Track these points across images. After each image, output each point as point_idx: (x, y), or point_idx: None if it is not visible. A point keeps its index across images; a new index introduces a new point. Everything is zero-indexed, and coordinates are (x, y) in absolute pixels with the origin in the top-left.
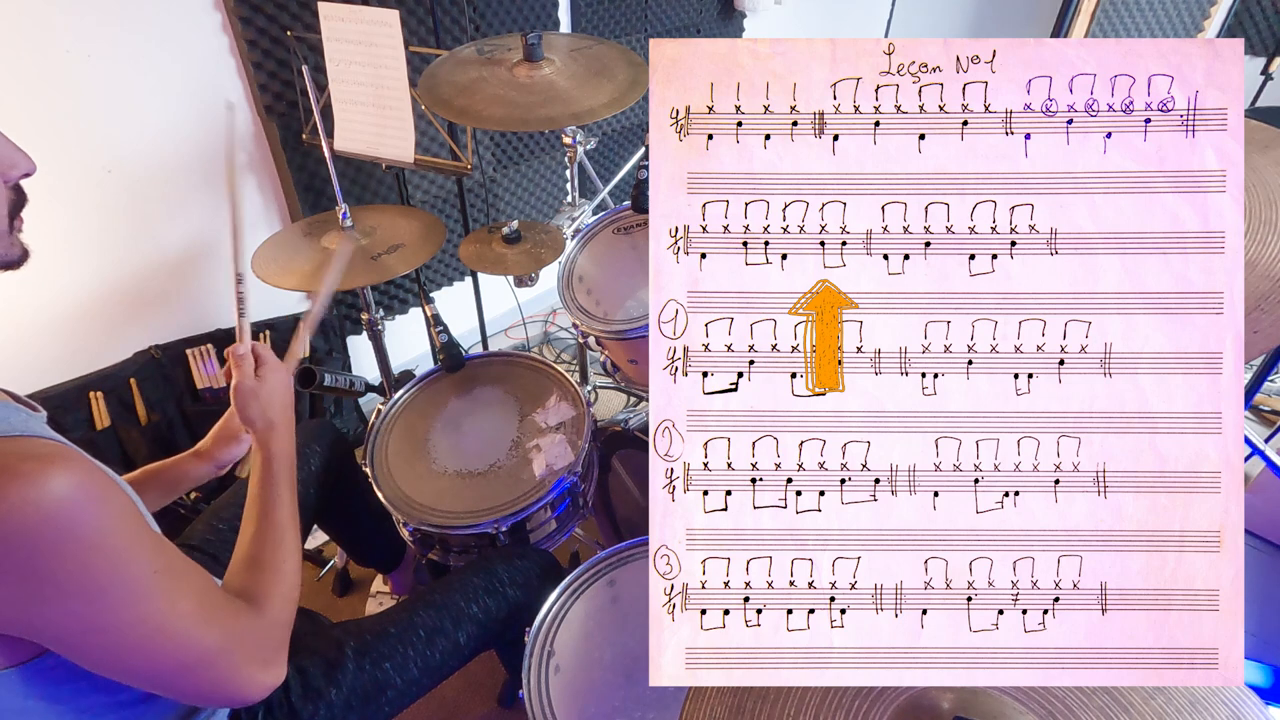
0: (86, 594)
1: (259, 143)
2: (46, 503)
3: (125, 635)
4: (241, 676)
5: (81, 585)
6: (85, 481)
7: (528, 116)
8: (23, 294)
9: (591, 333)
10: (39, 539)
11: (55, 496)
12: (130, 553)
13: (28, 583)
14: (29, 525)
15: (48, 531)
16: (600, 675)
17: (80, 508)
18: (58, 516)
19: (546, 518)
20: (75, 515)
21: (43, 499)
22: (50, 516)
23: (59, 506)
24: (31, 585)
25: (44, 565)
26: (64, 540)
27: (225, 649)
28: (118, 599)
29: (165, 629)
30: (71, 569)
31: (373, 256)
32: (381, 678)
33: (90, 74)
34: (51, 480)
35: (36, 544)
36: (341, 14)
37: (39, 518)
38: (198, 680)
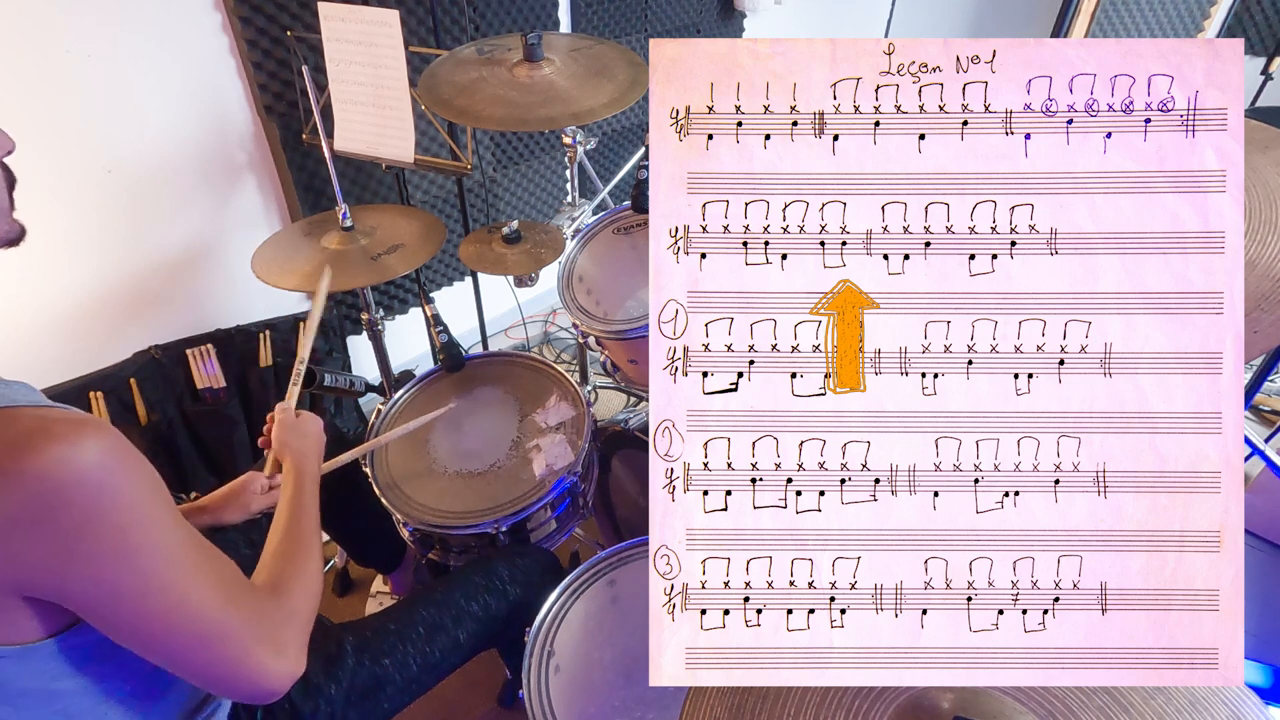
0: (116, 555)
1: (259, 143)
2: (82, 462)
3: (149, 602)
4: (255, 659)
5: (112, 546)
6: (118, 447)
7: (528, 116)
8: (23, 294)
9: (591, 333)
10: (74, 497)
11: (91, 457)
12: (157, 522)
13: (61, 542)
14: (65, 483)
15: (83, 490)
16: (600, 675)
17: (113, 471)
18: (93, 477)
19: (546, 518)
20: (109, 477)
21: (80, 458)
22: (86, 476)
23: (93, 469)
24: (64, 545)
25: (77, 524)
26: (98, 500)
27: (243, 629)
28: (146, 563)
29: (187, 600)
30: (103, 529)
31: (373, 256)
32: (381, 674)
33: (90, 74)
34: (87, 441)
35: (71, 502)
36: (341, 14)
37: (75, 477)
38: (212, 658)
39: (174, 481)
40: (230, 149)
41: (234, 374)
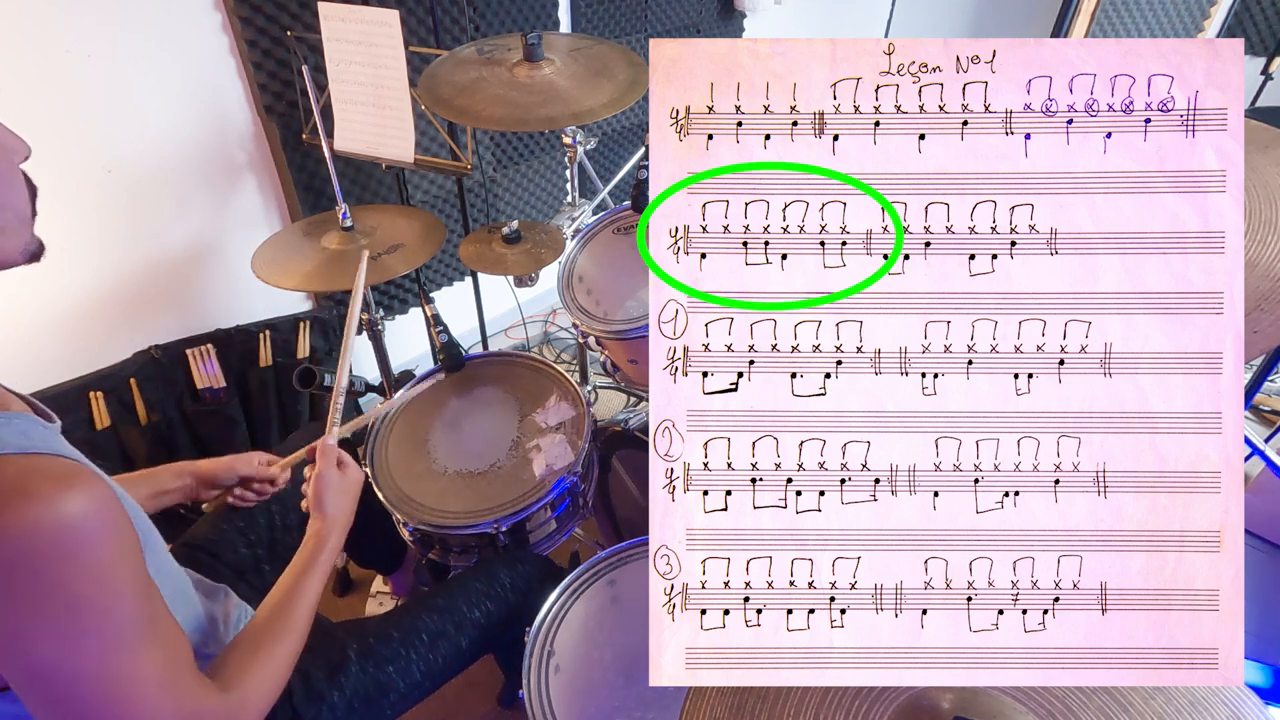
0: (67, 627)
1: (259, 143)
2: (56, 529)
3: (83, 678)
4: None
5: (67, 619)
6: (98, 510)
7: (528, 116)
8: (23, 294)
9: (591, 333)
10: (41, 564)
11: (65, 524)
12: (122, 594)
13: (16, 605)
14: (33, 549)
15: (51, 559)
16: (600, 675)
17: (86, 537)
18: (64, 543)
19: (546, 518)
20: (81, 544)
21: (54, 523)
22: (57, 542)
23: (68, 531)
24: (18, 609)
25: (33, 592)
26: (61, 567)
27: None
28: (93, 642)
29: (124, 683)
30: (62, 598)
31: (373, 256)
32: (384, 680)
33: (90, 74)
34: (67, 505)
35: (37, 568)
36: (341, 14)
37: (45, 543)
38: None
39: None
40: (230, 149)
41: (234, 374)
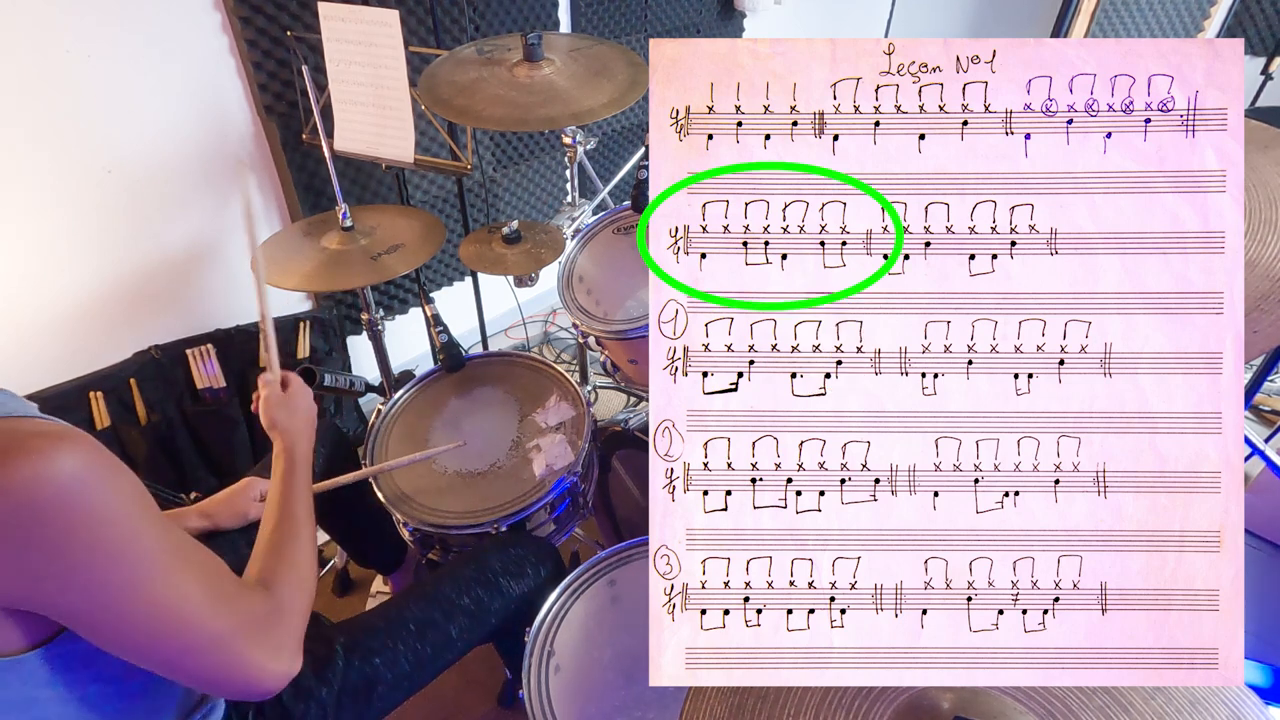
0: (93, 572)
1: (259, 143)
2: (57, 478)
3: (132, 615)
4: (249, 662)
5: (89, 563)
6: (95, 459)
7: (528, 116)
8: (23, 294)
9: (591, 333)
10: (48, 514)
11: (65, 472)
12: (138, 532)
13: (36, 558)
14: (38, 501)
15: (57, 507)
16: (600, 675)
17: (90, 485)
18: (67, 492)
19: (546, 518)
20: (84, 492)
21: (53, 474)
22: (60, 492)
23: (69, 482)
24: (43, 560)
25: (52, 541)
26: (73, 516)
27: (233, 634)
28: (125, 578)
29: (172, 610)
30: (79, 546)
31: (373, 256)
32: (371, 673)
33: (90, 74)
34: (61, 456)
35: (45, 519)
36: (341, 14)
37: (49, 493)
38: (205, 664)
39: (174, 481)
40: (230, 149)
41: (234, 374)
